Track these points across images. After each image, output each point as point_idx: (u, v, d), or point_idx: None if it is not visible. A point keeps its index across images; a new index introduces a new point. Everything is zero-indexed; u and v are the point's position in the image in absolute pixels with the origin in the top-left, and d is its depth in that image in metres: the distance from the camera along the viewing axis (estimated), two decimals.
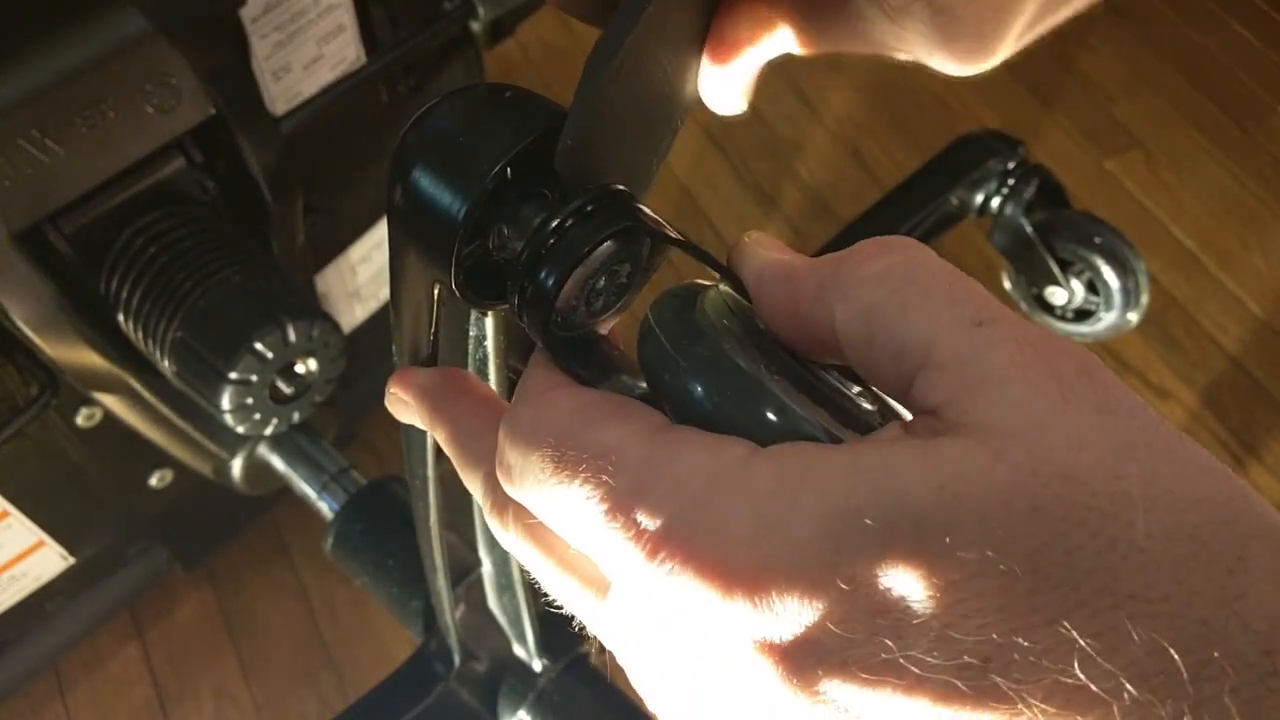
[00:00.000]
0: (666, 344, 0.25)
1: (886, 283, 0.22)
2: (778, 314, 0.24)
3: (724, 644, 0.20)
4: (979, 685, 0.18)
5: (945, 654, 0.18)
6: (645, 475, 0.22)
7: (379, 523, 0.76)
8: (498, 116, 0.27)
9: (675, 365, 0.24)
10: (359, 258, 1.01)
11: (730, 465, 0.21)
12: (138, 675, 1.14)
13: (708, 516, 0.21)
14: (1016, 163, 1.11)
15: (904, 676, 0.18)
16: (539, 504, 0.24)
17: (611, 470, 0.22)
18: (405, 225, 0.28)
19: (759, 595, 0.20)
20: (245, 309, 0.67)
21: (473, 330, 0.36)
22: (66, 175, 0.63)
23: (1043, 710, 0.18)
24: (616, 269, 0.27)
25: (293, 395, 0.71)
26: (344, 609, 1.17)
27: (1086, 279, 1.11)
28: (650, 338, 0.25)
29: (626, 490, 0.22)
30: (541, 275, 0.25)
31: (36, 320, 0.66)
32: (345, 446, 1.06)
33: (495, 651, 0.67)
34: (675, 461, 0.22)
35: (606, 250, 0.26)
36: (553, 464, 0.23)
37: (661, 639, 0.22)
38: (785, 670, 0.19)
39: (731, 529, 0.20)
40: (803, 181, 1.50)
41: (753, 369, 0.23)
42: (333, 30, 0.83)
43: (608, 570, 0.23)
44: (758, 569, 0.20)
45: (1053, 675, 0.18)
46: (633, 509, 0.21)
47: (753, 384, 0.23)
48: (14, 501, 0.85)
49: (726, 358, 0.24)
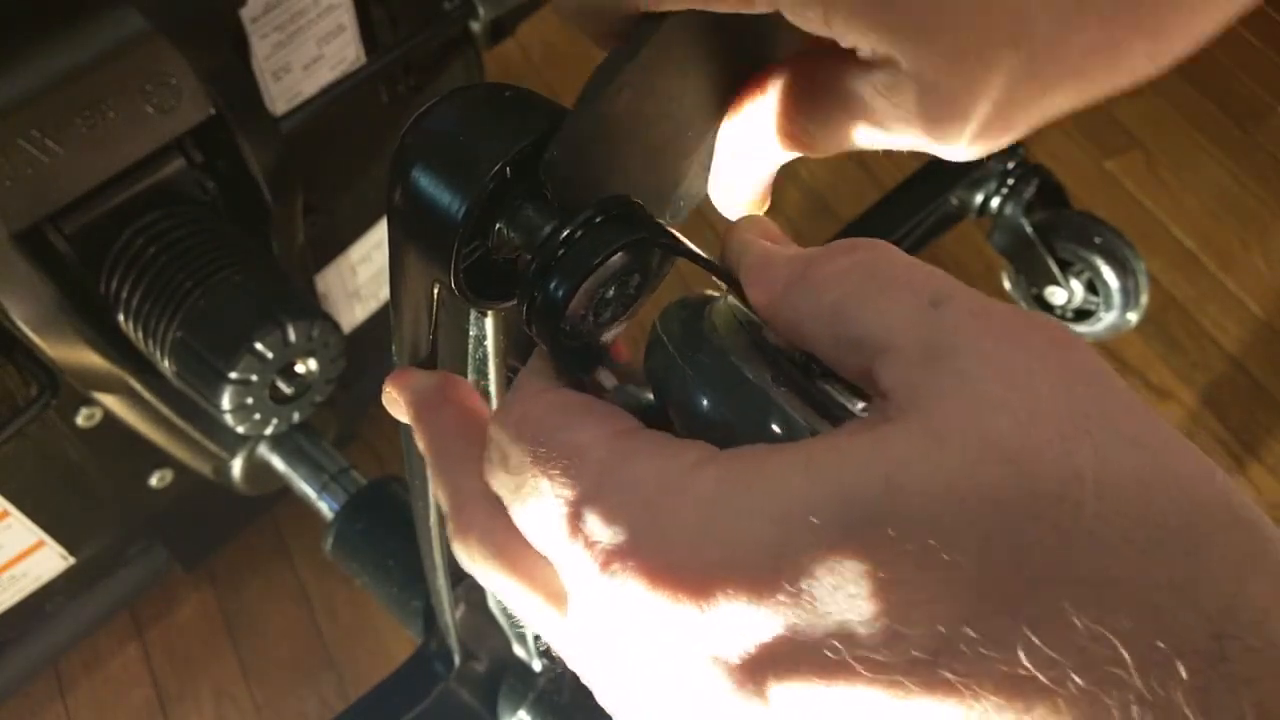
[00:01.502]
0: (674, 354, 0.25)
1: (848, 280, 0.22)
2: (757, 303, 0.24)
3: (675, 653, 0.20)
4: (929, 680, 0.18)
5: (894, 651, 0.18)
6: (601, 481, 0.22)
7: (379, 523, 0.76)
8: (498, 116, 0.27)
9: (682, 376, 0.24)
10: (359, 258, 1.01)
11: (681, 470, 0.21)
12: (138, 675, 1.14)
13: (655, 523, 0.20)
14: (1016, 163, 1.11)
15: (854, 677, 0.18)
16: (513, 502, 0.24)
17: (574, 474, 0.22)
18: (405, 225, 0.28)
19: (705, 601, 0.19)
20: (245, 309, 0.67)
21: (473, 330, 0.36)
22: (66, 175, 0.63)
23: (994, 702, 0.17)
24: (626, 279, 0.27)
25: (293, 395, 0.71)
26: (344, 609, 1.17)
27: (1086, 279, 1.11)
28: (658, 348, 0.25)
29: (583, 496, 0.22)
30: (551, 286, 0.25)
31: (36, 320, 0.66)
32: (345, 447, 1.06)
33: (495, 651, 0.67)
34: (629, 468, 0.22)
35: (618, 262, 0.26)
36: (530, 460, 0.23)
37: (616, 650, 0.22)
38: (736, 678, 0.19)
39: (678, 535, 0.20)
40: (803, 181, 1.49)
41: (758, 380, 0.23)
42: (333, 30, 0.83)
43: (566, 580, 0.23)
44: (704, 574, 0.19)
45: (1000, 666, 0.17)
46: (587, 515, 0.21)
47: (758, 395, 0.23)
48: (14, 501, 0.85)
49: (733, 369, 0.24)
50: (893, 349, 0.21)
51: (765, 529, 0.19)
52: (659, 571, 0.20)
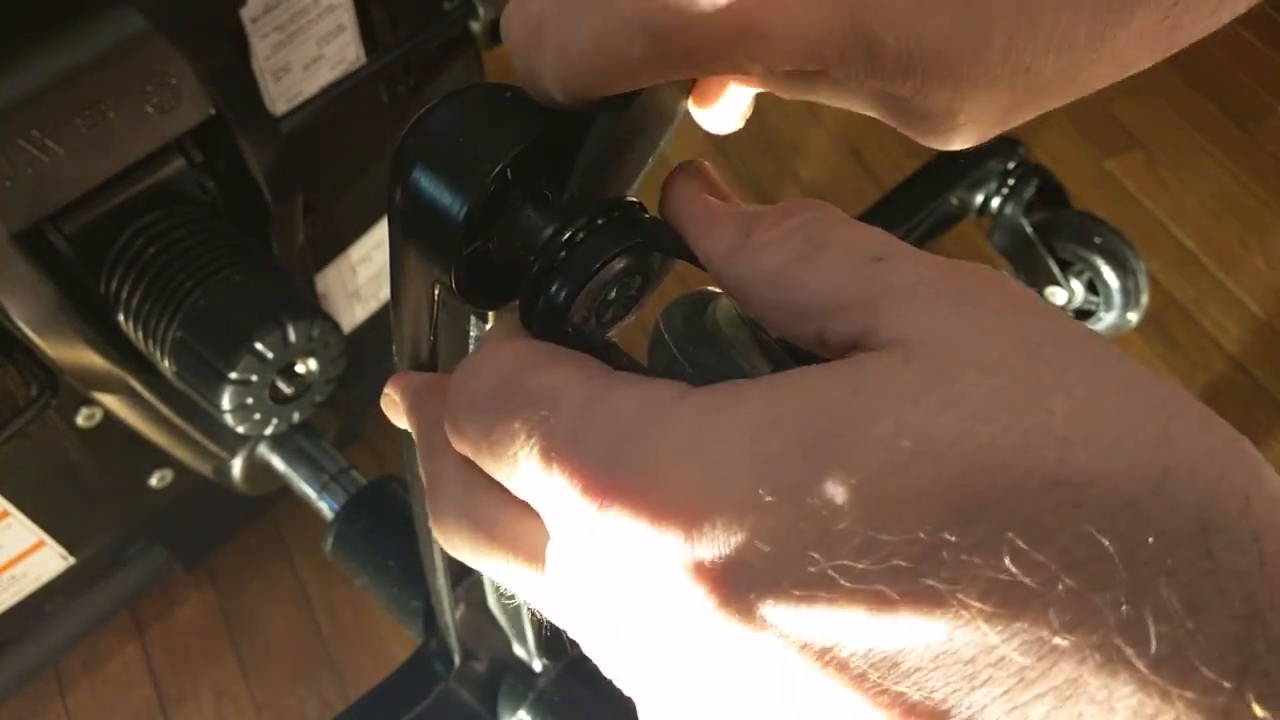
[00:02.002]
0: (675, 351, 0.25)
1: (788, 246, 0.22)
2: (704, 257, 0.25)
3: (660, 581, 0.20)
4: (913, 590, 0.17)
5: (873, 558, 0.18)
6: (581, 416, 0.22)
7: (379, 523, 0.76)
8: (498, 117, 0.27)
9: (683, 372, 0.24)
10: (359, 258, 1.01)
11: (661, 401, 0.21)
12: (138, 675, 1.14)
13: (636, 450, 0.21)
14: (1016, 163, 1.11)
15: (835, 590, 0.18)
16: (481, 450, 0.24)
17: (546, 413, 0.22)
18: (405, 226, 0.28)
19: (688, 523, 0.19)
20: (245, 309, 0.67)
21: (473, 330, 0.36)
22: (66, 175, 0.63)
23: (981, 610, 0.17)
24: (627, 281, 0.27)
25: (293, 395, 0.71)
26: (344, 609, 1.17)
27: (1086, 279, 1.11)
28: (660, 345, 0.25)
29: (562, 432, 0.22)
30: (553, 289, 0.25)
31: (36, 320, 0.66)
32: (345, 447, 1.06)
33: (495, 651, 0.67)
34: (609, 402, 0.22)
35: (619, 265, 0.26)
36: (495, 405, 0.23)
37: (602, 589, 0.22)
38: (720, 597, 0.19)
39: (659, 461, 0.20)
40: (803, 181, 1.50)
41: (759, 376, 0.24)
42: (333, 30, 0.83)
43: (548, 522, 0.23)
44: (686, 497, 0.19)
45: (985, 571, 0.17)
46: (566, 450, 0.21)
47: None
48: (14, 501, 0.85)
49: (735, 366, 0.24)
50: (843, 307, 0.21)
51: (741, 446, 0.19)
52: (641, 497, 0.20)
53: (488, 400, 0.24)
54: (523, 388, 0.23)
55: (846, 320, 0.21)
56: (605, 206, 0.26)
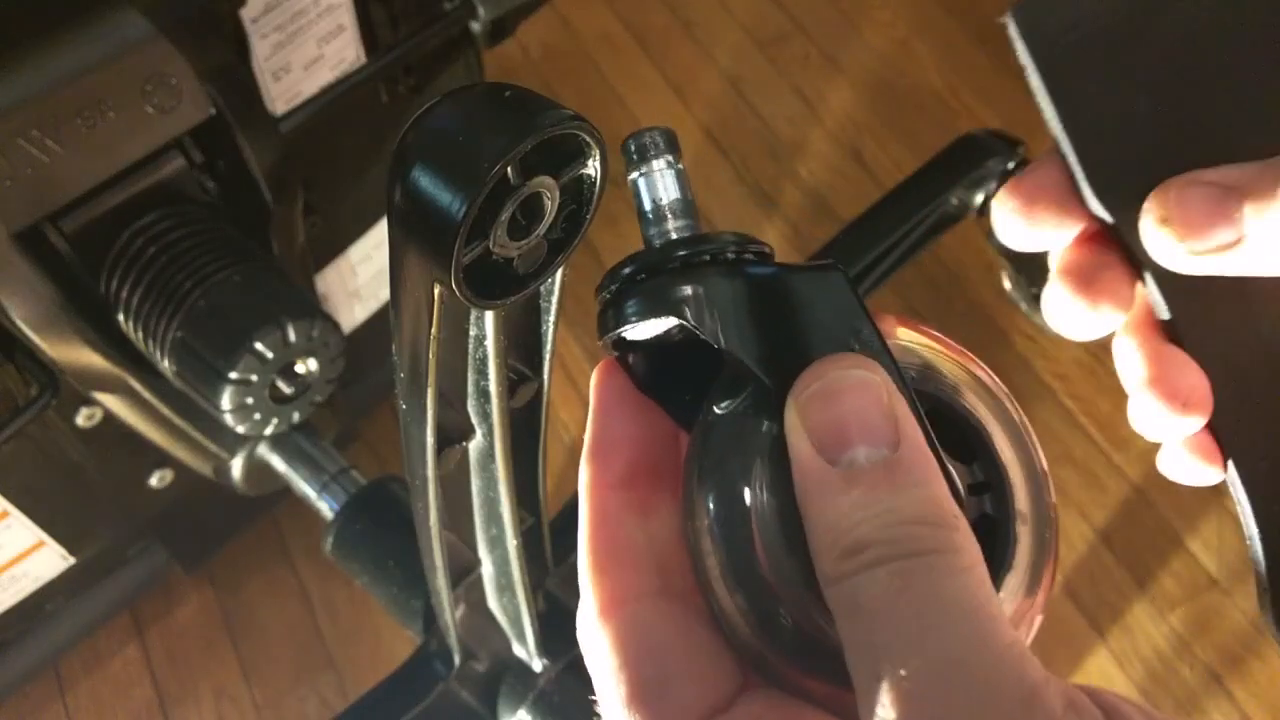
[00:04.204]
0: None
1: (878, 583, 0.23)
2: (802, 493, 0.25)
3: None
4: None
5: None
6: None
7: (379, 523, 0.76)
8: (497, 116, 0.27)
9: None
10: (359, 258, 1.01)
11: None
12: (138, 675, 1.14)
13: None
14: (1016, 163, 1.11)
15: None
16: None
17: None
18: (405, 225, 0.28)
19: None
20: (245, 309, 0.67)
21: (473, 330, 0.36)
22: (66, 175, 0.63)
23: None
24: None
25: (293, 395, 0.71)
26: (344, 609, 1.17)
27: None
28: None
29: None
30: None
31: (36, 320, 0.66)
32: (345, 447, 1.06)
33: (495, 651, 0.67)
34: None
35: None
36: None
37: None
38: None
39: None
40: (803, 181, 1.49)
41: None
42: (333, 30, 0.83)
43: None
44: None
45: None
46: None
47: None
48: (14, 501, 0.85)
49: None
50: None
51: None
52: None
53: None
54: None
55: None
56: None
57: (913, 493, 0.22)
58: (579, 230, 0.30)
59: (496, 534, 0.53)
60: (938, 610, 0.21)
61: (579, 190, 0.30)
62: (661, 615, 0.26)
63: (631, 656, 0.25)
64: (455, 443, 0.43)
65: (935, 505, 0.23)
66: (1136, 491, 1.21)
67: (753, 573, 0.24)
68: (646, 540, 0.27)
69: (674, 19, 1.65)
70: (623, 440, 0.28)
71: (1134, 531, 1.19)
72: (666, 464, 0.28)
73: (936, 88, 1.58)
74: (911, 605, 0.21)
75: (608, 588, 0.26)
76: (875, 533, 0.22)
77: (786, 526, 0.24)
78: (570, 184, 0.29)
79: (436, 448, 0.41)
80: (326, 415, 0.84)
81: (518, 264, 0.29)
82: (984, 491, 0.26)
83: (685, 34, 1.64)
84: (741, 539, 0.24)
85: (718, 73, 1.60)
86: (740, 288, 0.26)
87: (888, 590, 0.21)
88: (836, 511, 0.23)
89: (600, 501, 0.28)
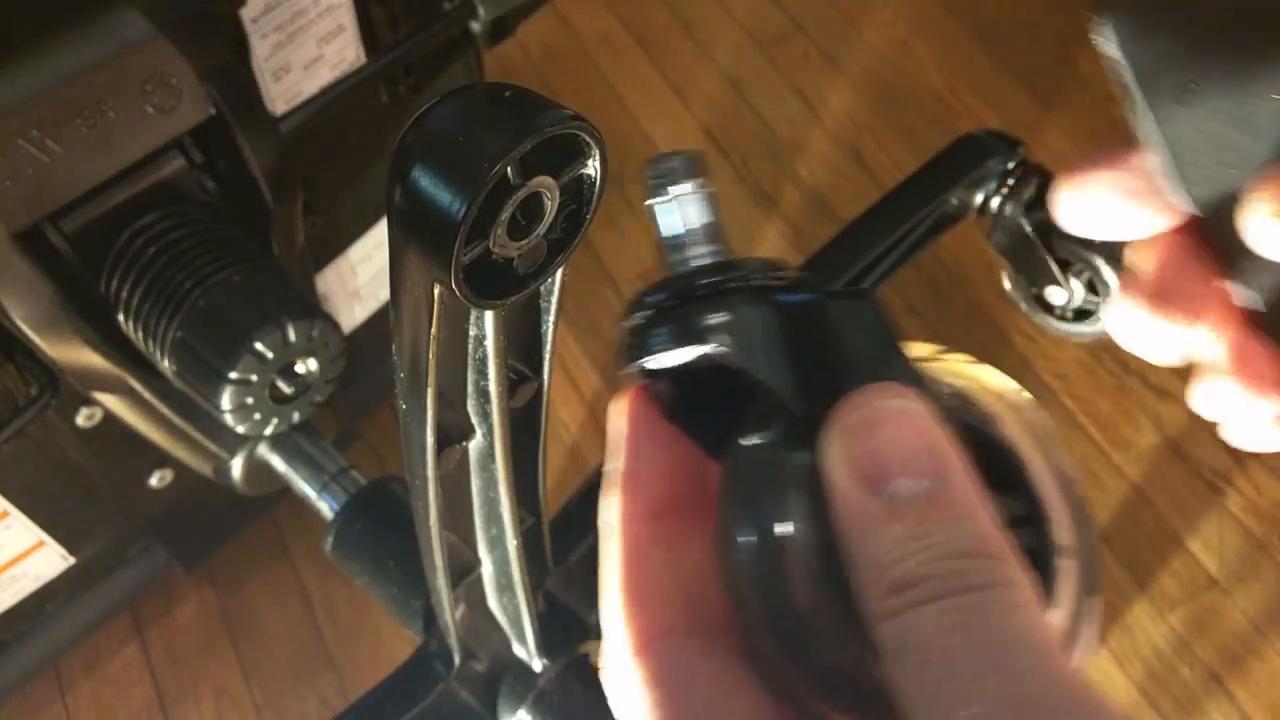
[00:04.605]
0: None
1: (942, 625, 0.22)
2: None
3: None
4: None
5: None
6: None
7: (379, 523, 0.76)
8: (498, 116, 0.27)
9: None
10: (359, 258, 1.01)
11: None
12: (138, 675, 1.14)
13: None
14: (1016, 163, 1.11)
15: None
16: None
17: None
18: (405, 225, 0.28)
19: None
20: (245, 309, 0.67)
21: (473, 330, 0.36)
22: (66, 175, 0.63)
23: None
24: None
25: (293, 395, 0.71)
26: (344, 609, 1.17)
27: (1086, 279, 1.11)
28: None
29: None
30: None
31: (36, 320, 0.66)
32: (346, 447, 1.06)
33: (495, 651, 0.67)
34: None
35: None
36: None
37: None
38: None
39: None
40: (803, 181, 1.50)
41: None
42: (333, 30, 0.83)
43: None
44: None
45: None
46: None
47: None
48: (14, 501, 0.85)
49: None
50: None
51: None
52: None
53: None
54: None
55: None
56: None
57: (961, 526, 0.22)
58: (579, 230, 0.30)
59: (496, 534, 0.53)
60: (1000, 647, 0.20)
61: (579, 190, 0.30)
62: (695, 653, 0.25)
63: (666, 695, 0.24)
64: (455, 443, 0.43)
65: (985, 538, 0.22)
66: (1136, 491, 1.21)
67: (790, 610, 0.24)
68: (677, 575, 0.26)
69: (674, 19, 1.65)
70: (654, 471, 0.27)
71: (1134, 531, 1.20)
72: (696, 495, 0.27)
73: (936, 88, 1.58)
74: (972, 643, 0.20)
75: (640, 624, 0.26)
76: (924, 567, 0.21)
77: (825, 562, 0.23)
78: (570, 184, 0.29)
79: (436, 448, 0.41)
80: (326, 415, 0.83)
81: (518, 264, 0.29)
82: (1023, 525, 0.25)
83: (685, 34, 1.64)
84: (778, 576, 0.24)
85: (718, 73, 1.60)
86: (771, 316, 0.26)
87: (941, 627, 0.20)
88: (880, 546, 0.22)
89: (633, 536, 0.27)
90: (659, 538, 0.27)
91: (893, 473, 0.22)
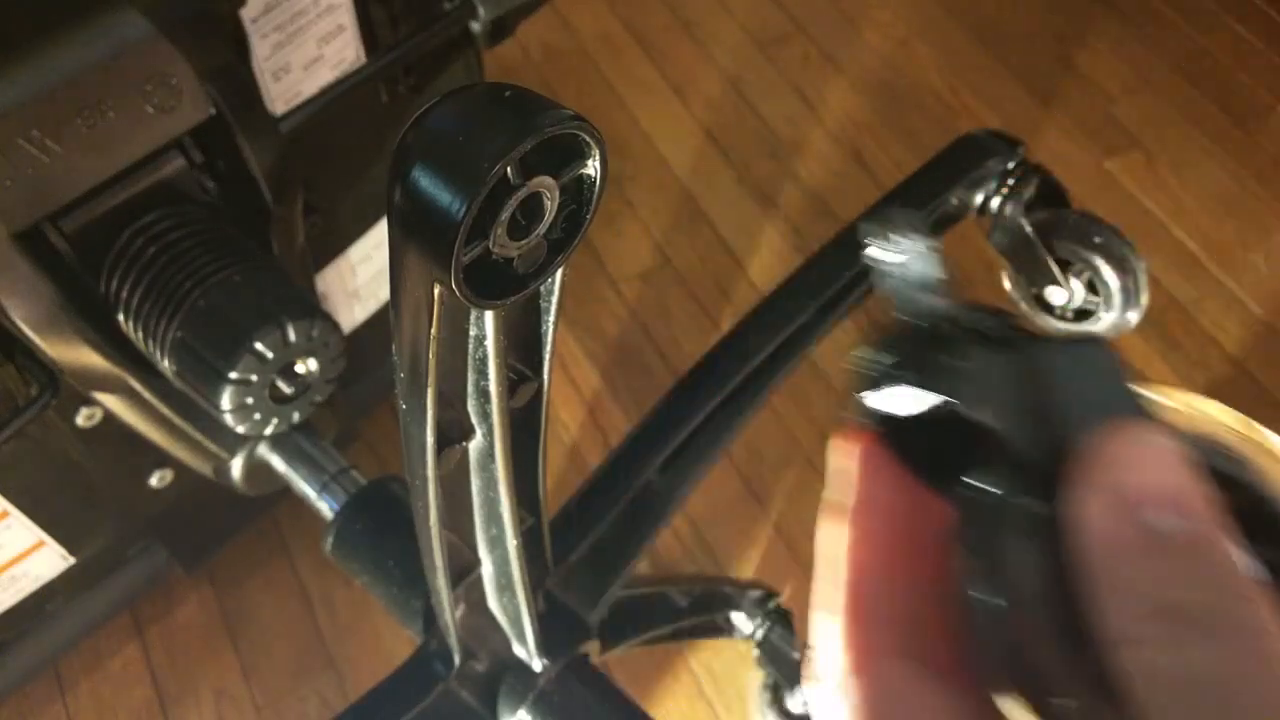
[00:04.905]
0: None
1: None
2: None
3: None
4: None
5: None
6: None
7: (379, 523, 0.76)
8: (498, 116, 0.27)
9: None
10: (359, 258, 1.01)
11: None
12: (138, 675, 1.14)
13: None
14: (1016, 162, 1.11)
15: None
16: None
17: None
18: (405, 225, 0.28)
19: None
20: (245, 309, 0.67)
21: (473, 330, 0.36)
22: (66, 175, 0.63)
23: None
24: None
25: (293, 395, 0.71)
26: (344, 608, 1.17)
27: (1086, 279, 1.11)
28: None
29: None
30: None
31: (36, 320, 0.66)
32: (346, 447, 1.06)
33: (495, 651, 0.67)
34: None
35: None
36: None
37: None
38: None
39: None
40: (803, 182, 1.50)
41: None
42: (333, 30, 0.83)
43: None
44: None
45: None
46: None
47: None
48: (14, 501, 0.85)
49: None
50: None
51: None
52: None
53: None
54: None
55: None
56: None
57: (1218, 565, 0.22)
58: (579, 230, 0.30)
59: (496, 534, 0.53)
60: (1250, 695, 0.20)
61: (579, 190, 0.30)
62: (910, 677, 0.26)
63: (885, 715, 0.25)
64: (455, 443, 0.43)
65: (1241, 580, 0.21)
66: None
67: (1020, 652, 0.24)
68: (898, 605, 0.27)
69: (674, 19, 1.65)
70: (884, 508, 0.28)
71: None
72: (923, 531, 0.28)
73: (936, 88, 1.58)
74: (1239, 683, 0.20)
75: (860, 645, 0.26)
76: (1181, 602, 0.21)
77: (1061, 610, 0.23)
78: (570, 184, 0.29)
79: (436, 448, 0.41)
80: (326, 415, 0.83)
81: (518, 264, 0.29)
82: (1274, 573, 0.26)
83: (685, 34, 1.64)
84: (1011, 626, 0.24)
85: (718, 73, 1.60)
86: (1012, 366, 0.26)
87: (1193, 660, 0.20)
88: (1131, 580, 0.22)
89: (862, 564, 0.28)
90: (886, 568, 0.28)
91: (1146, 509, 0.22)
